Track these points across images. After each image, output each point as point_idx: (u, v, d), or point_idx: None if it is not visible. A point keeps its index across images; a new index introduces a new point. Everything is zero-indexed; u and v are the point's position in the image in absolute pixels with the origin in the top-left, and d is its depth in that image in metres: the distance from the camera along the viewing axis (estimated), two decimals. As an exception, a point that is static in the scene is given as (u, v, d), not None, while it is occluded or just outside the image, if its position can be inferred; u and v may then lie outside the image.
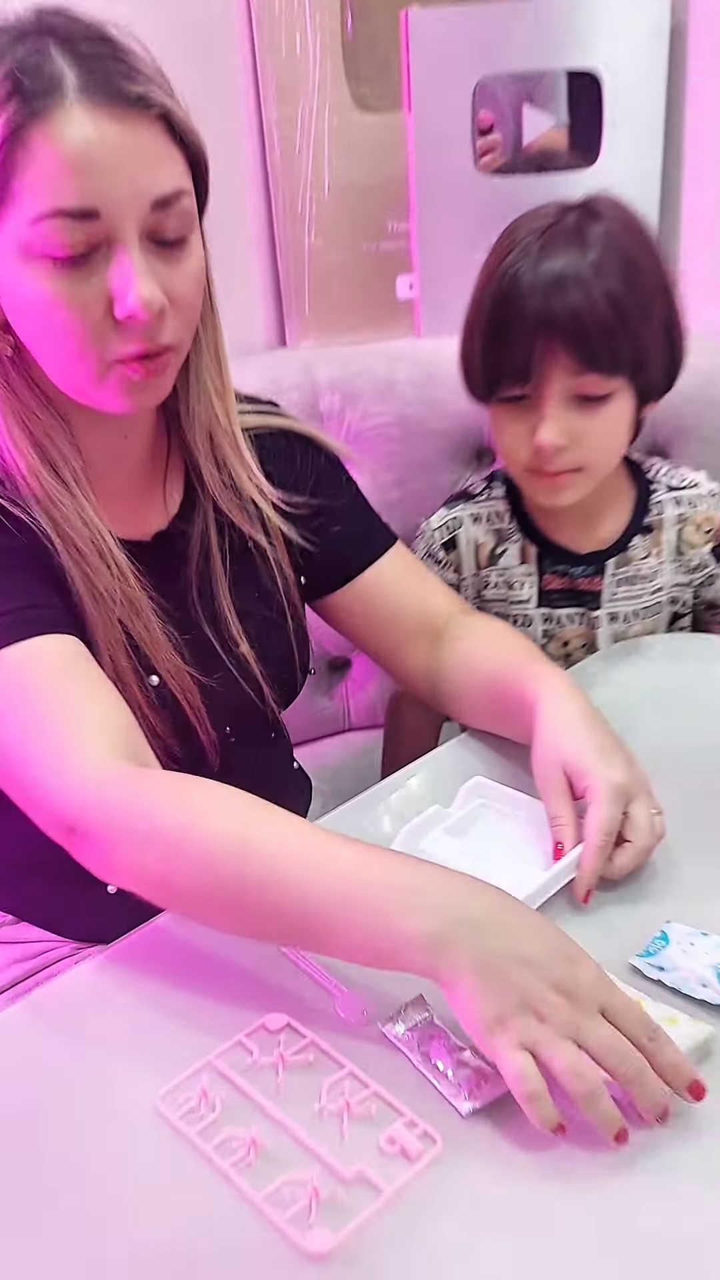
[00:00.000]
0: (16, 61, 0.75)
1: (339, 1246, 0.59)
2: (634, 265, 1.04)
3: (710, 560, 1.22)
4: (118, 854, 0.75)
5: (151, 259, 0.78)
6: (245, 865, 0.71)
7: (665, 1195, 0.62)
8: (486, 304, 1.07)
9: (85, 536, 0.85)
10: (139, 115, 0.76)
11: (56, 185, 0.74)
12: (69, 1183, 0.65)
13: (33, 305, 0.78)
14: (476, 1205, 0.62)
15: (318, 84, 1.40)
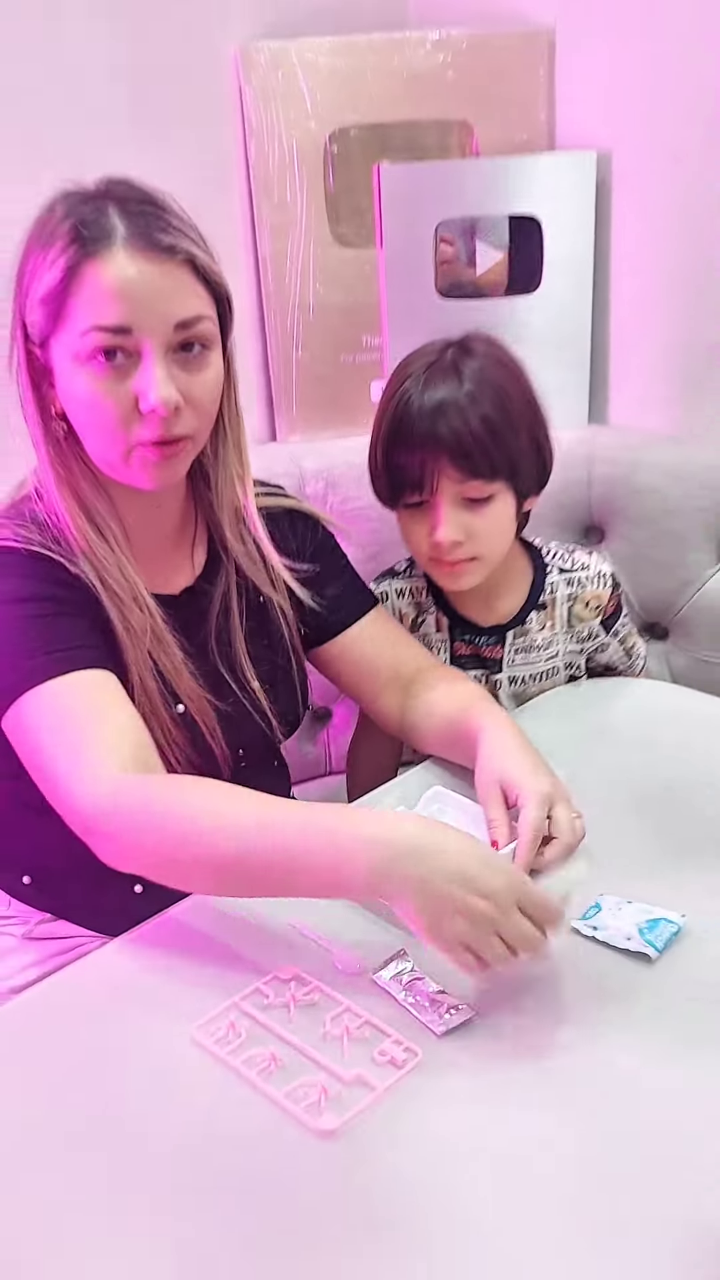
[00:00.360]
0: (80, 217, 0.92)
1: (343, 1126, 0.74)
2: (503, 392, 1.16)
3: (600, 631, 1.32)
4: (128, 848, 0.89)
5: (173, 367, 0.94)
6: (231, 842, 0.85)
7: (612, 1077, 0.78)
8: (385, 427, 1.18)
9: (123, 585, 1.00)
10: (168, 259, 0.92)
11: (101, 307, 0.91)
12: (130, 1093, 0.79)
13: (80, 398, 0.95)
14: (448, 1099, 0.77)
15: (304, 225, 1.54)
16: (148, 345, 0.92)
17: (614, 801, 1.10)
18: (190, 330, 0.94)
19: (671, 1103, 0.76)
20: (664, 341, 1.57)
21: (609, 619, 1.33)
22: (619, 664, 1.37)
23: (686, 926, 0.91)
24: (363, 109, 1.52)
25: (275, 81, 1.48)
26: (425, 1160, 0.73)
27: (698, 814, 1.07)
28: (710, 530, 1.49)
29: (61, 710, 0.93)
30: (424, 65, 1.52)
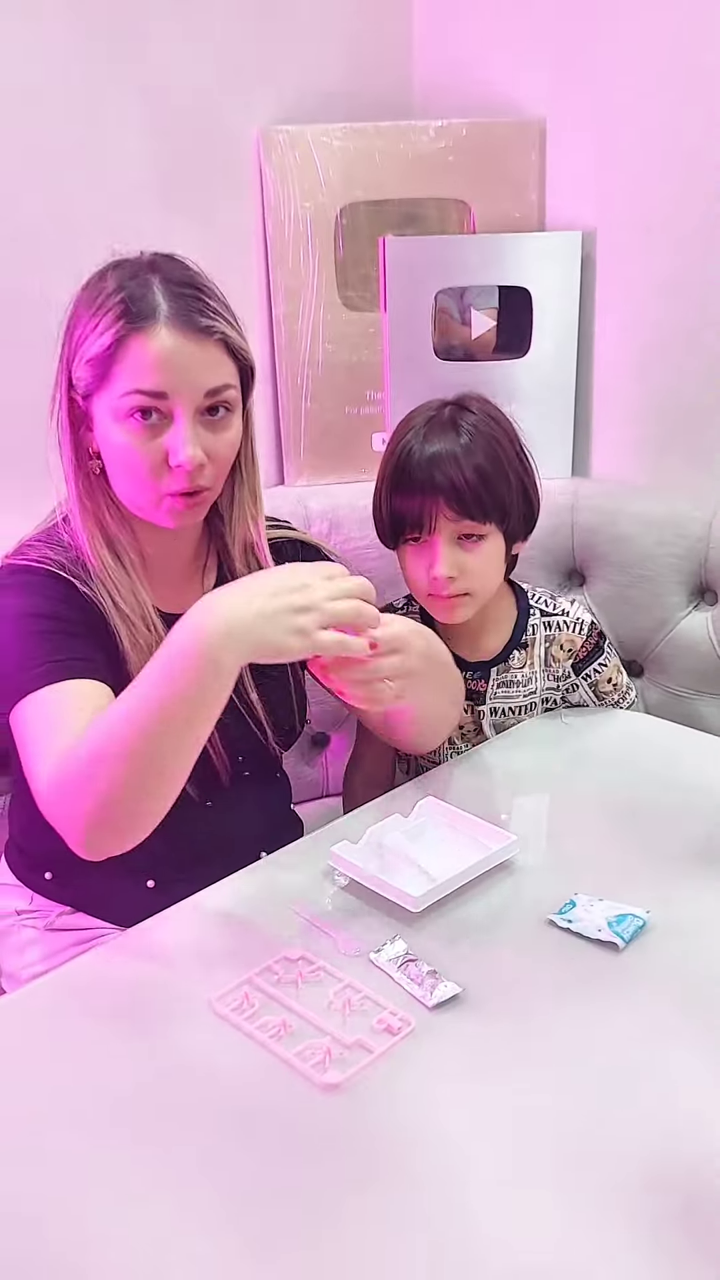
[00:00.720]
0: (129, 292, 1.03)
1: (345, 1081, 0.84)
2: (496, 444, 1.27)
3: (570, 673, 1.42)
4: (72, 815, 0.98)
5: (200, 428, 1.05)
6: (123, 731, 0.93)
7: (582, 1044, 0.87)
8: (389, 475, 1.29)
9: (134, 605, 1.11)
10: (205, 338, 1.04)
11: (142, 374, 1.02)
12: (156, 1054, 0.87)
13: (117, 449, 1.06)
14: (438, 1061, 0.86)
15: (315, 289, 1.64)
16: (180, 409, 1.04)
17: (589, 815, 1.20)
18: (217, 397, 1.05)
19: (633, 1064, 0.86)
20: (642, 402, 1.67)
21: (579, 663, 1.42)
22: (589, 704, 1.46)
23: (651, 921, 1.00)
24: (370, 187, 1.64)
25: (292, 161, 1.60)
26: (417, 1112, 0.82)
27: (665, 827, 1.17)
28: (683, 575, 1.59)
29: (48, 713, 1.03)
30: (427, 150, 1.64)
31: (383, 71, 1.73)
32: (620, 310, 1.67)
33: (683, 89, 1.50)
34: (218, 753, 1.15)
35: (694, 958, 0.98)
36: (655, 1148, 0.79)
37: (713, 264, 1.54)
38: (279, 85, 1.61)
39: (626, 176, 1.60)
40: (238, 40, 1.55)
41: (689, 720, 1.53)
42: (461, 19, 1.70)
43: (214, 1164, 0.78)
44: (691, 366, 1.60)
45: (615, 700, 1.46)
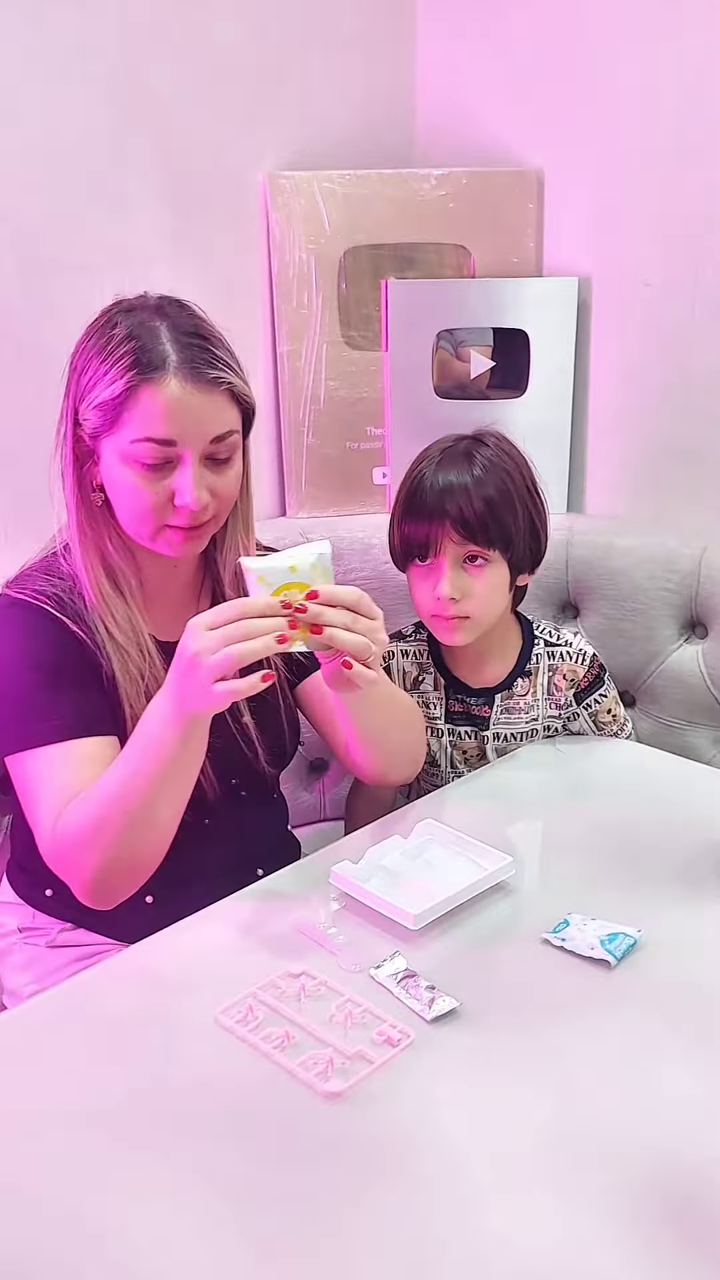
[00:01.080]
0: (139, 341, 1.06)
1: (347, 1090, 0.86)
2: (507, 478, 1.32)
3: (572, 702, 1.46)
4: (71, 865, 1.08)
5: (204, 470, 1.10)
6: (113, 793, 1.04)
7: (574, 1055, 0.90)
8: (402, 501, 1.34)
9: (129, 634, 1.15)
10: (212, 388, 1.07)
11: (152, 423, 1.06)
12: (164, 1064, 0.90)
13: (123, 487, 1.10)
14: (436, 1071, 0.89)
15: (319, 328, 1.68)
16: (187, 454, 1.08)
17: (583, 837, 1.24)
18: (222, 442, 1.10)
19: (624, 1076, 0.89)
20: (635, 442, 1.72)
21: (581, 692, 1.46)
22: (588, 733, 1.50)
23: (642, 940, 1.03)
24: (373, 231, 1.69)
25: (297, 205, 1.65)
26: (416, 1120, 0.85)
27: (655, 850, 1.20)
28: (674, 609, 1.63)
29: (59, 771, 1.10)
30: (428, 197, 1.70)
31: (386, 121, 1.79)
32: (614, 354, 1.71)
33: (678, 146, 1.56)
34: (208, 779, 1.18)
35: (683, 975, 1.01)
36: (646, 1155, 0.82)
37: (703, 317, 1.59)
38: (286, 133, 1.66)
39: (621, 228, 1.65)
40: (247, 89, 1.61)
41: (679, 750, 1.56)
42: (463, 72, 1.76)
43: (218, 1170, 0.80)
44: (681, 411, 1.65)
45: (614, 731, 1.50)
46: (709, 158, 1.53)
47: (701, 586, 1.60)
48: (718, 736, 1.63)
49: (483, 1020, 0.95)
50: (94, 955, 1.20)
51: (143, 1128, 0.85)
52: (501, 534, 1.32)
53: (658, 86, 1.56)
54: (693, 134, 1.54)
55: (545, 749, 1.47)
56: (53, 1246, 0.75)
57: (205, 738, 1.05)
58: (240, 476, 1.16)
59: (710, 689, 1.61)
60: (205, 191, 1.60)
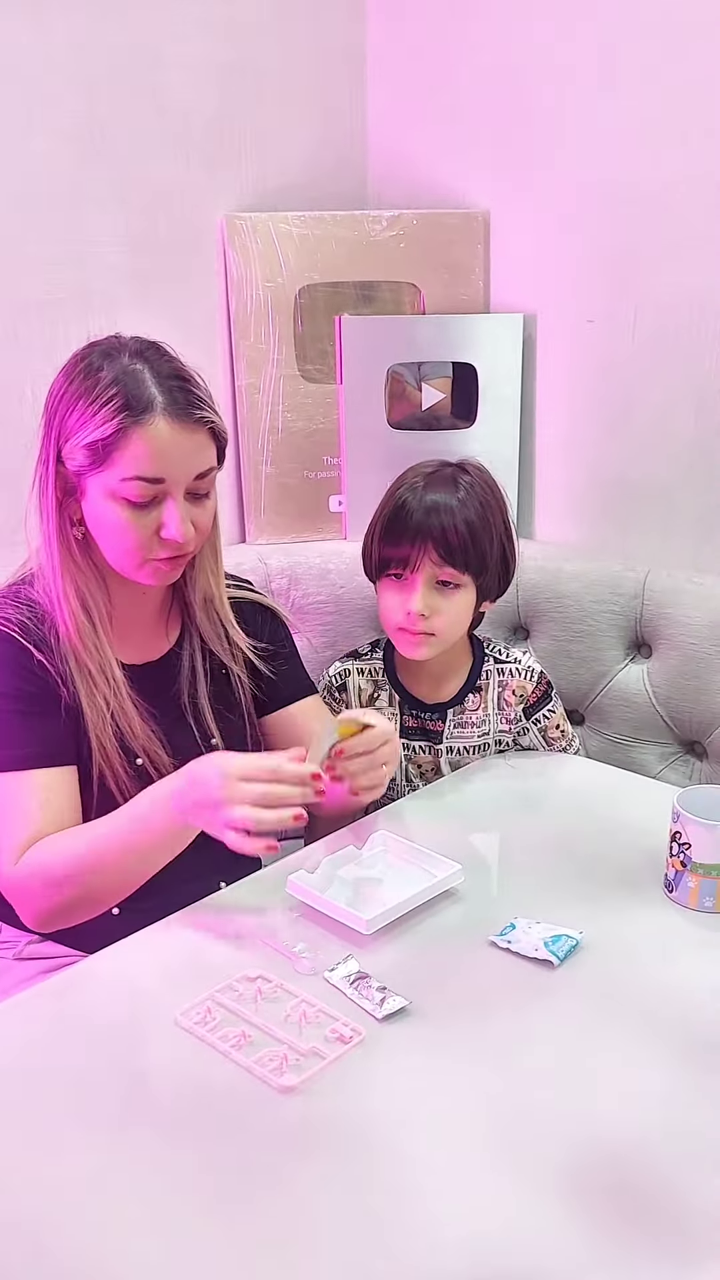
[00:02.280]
0: (125, 385, 1.11)
1: (300, 1084, 0.90)
2: (485, 506, 1.39)
3: (522, 717, 1.51)
4: (30, 905, 1.14)
5: (188, 505, 1.15)
6: (87, 859, 1.11)
7: (517, 1050, 0.94)
8: (385, 517, 1.38)
9: (97, 660, 1.19)
10: (197, 427, 1.14)
11: (142, 463, 1.11)
12: (125, 1062, 0.93)
13: (109, 523, 1.15)
14: (386, 1066, 0.94)
15: (276, 362, 1.73)
16: (173, 490, 1.14)
17: (531, 847, 1.29)
18: (204, 479, 1.17)
19: (565, 1065, 0.94)
20: (580, 471, 1.77)
21: (530, 708, 1.52)
22: (539, 748, 1.55)
23: (584, 941, 1.08)
24: (327, 270, 1.74)
25: (254, 245, 1.70)
26: (367, 1111, 0.89)
27: (599, 858, 1.25)
28: (620, 630, 1.67)
29: (12, 802, 1.15)
30: (380, 237, 1.75)
31: (339, 165, 1.84)
32: (559, 387, 1.77)
33: (616, 191, 1.62)
34: None
35: (621, 974, 1.06)
36: (586, 1141, 0.86)
37: (642, 351, 1.65)
38: (243, 177, 1.71)
39: (564, 267, 1.71)
40: (206, 135, 1.66)
41: (627, 767, 1.61)
42: (413, 118, 1.82)
43: (177, 1162, 0.84)
44: (624, 441, 1.71)
45: (562, 746, 1.55)
46: (645, 200, 1.60)
47: (645, 608, 1.64)
48: (664, 752, 1.67)
49: (431, 1018, 0.99)
50: (61, 967, 1.20)
51: (102, 1123, 0.88)
52: (478, 561, 1.38)
53: (598, 133, 1.62)
54: (630, 178, 1.60)
55: (498, 764, 1.51)
56: (9, 1240, 0.78)
57: (189, 835, 1.13)
58: (215, 510, 1.22)
59: (655, 707, 1.65)
60: (166, 232, 1.64)
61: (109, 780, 1.20)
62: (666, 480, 1.68)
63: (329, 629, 1.63)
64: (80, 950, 1.22)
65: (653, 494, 1.70)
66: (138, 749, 1.21)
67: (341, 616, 1.49)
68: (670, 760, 1.67)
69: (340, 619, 1.51)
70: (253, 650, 1.33)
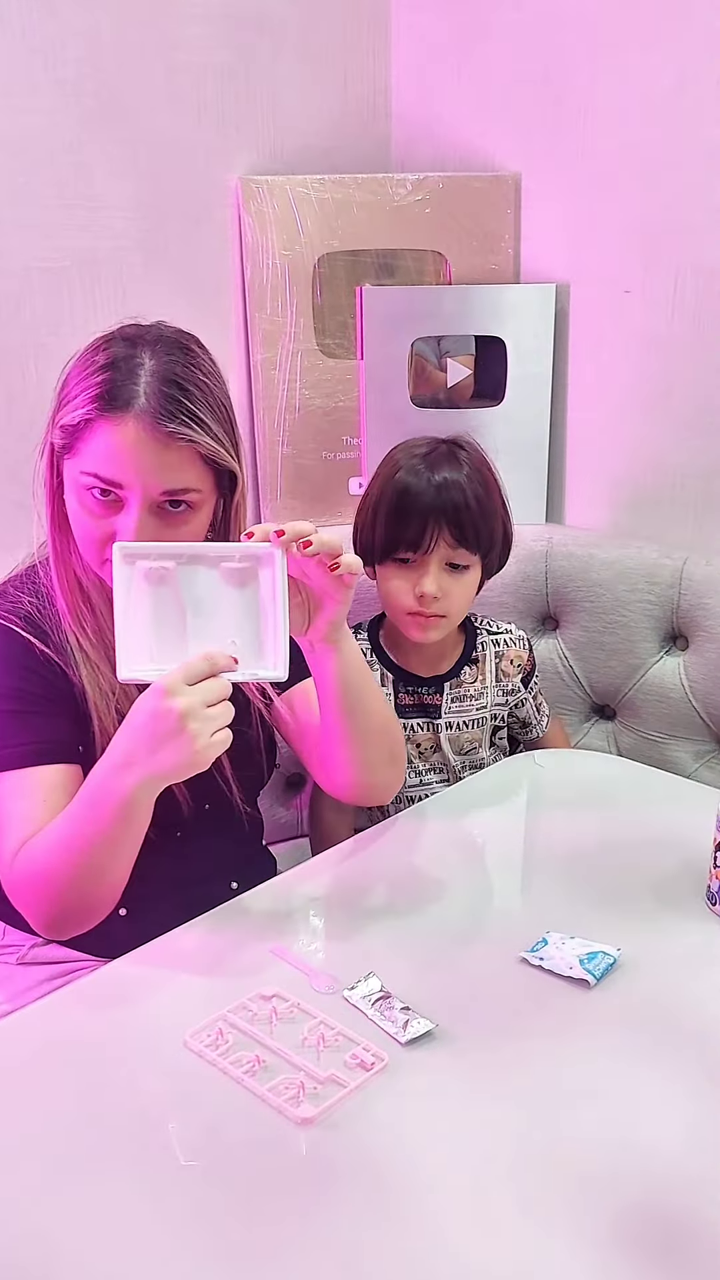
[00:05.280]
0: (114, 375, 1.02)
1: (319, 1115, 0.84)
2: (487, 483, 1.37)
3: (520, 686, 1.50)
4: (26, 904, 1.08)
5: (153, 518, 1.03)
6: (65, 839, 1.03)
7: (551, 1080, 0.88)
8: (388, 497, 1.35)
9: (98, 646, 1.13)
10: (170, 441, 1.01)
11: (100, 459, 1.02)
12: (130, 1089, 0.87)
13: (72, 511, 1.08)
14: (410, 1096, 0.87)
15: (293, 335, 1.67)
16: (133, 499, 1.03)
17: (562, 853, 1.21)
18: (179, 498, 1.05)
19: (600, 1101, 0.87)
20: (614, 452, 1.72)
21: (526, 676, 1.51)
22: (531, 718, 1.54)
23: (622, 959, 1.01)
24: (348, 237, 1.68)
25: (271, 210, 1.64)
26: (389, 1145, 0.83)
27: (635, 866, 1.18)
28: (654, 621, 1.62)
29: (15, 800, 1.09)
30: (404, 202, 1.69)
31: (361, 125, 1.78)
32: (593, 363, 1.71)
33: (658, 150, 1.56)
34: (182, 793, 1.17)
35: (664, 995, 0.99)
36: (626, 1182, 0.79)
37: (682, 325, 1.59)
38: (259, 136, 1.65)
39: (600, 234, 1.65)
40: (219, 91, 1.59)
41: (660, 765, 1.55)
42: (439, 75, 1.76)
43: (187, 1198, 0.78)
44: (661, 420, 1.65)
45: (545, 713, 1.56)
46: (689, 162, 1.53)
47: (682, 598, 1.59)
48: (699, 750, 1.61)
49: (458, 1043, 0.93)
50: (67, 972, 1.18)
51: (107, 1154, 0.82)
52: (488, 536, 1.37)
53: (638, 90, 1.56)
54: (673, 137, 1.54)
55: (519, 762, 1.46)
56: (11, 1270, 0.73)
57: (153, 801, 1.03)
58: (200, 536, 1.11)
59: (692, 702, 1.59)
60: (176, 195, 1.58)
61: None
62: (706, 463, 1.62)
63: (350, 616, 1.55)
64: (86, 953, 1.18)
65: (691, 477, 1.64)
66: None
67: (361, 604, 1.42)
68: (706, 758, 1.62)
69: (360, 605, 1.44)
70: None
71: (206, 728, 0.94)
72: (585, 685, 1.69)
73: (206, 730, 0.94)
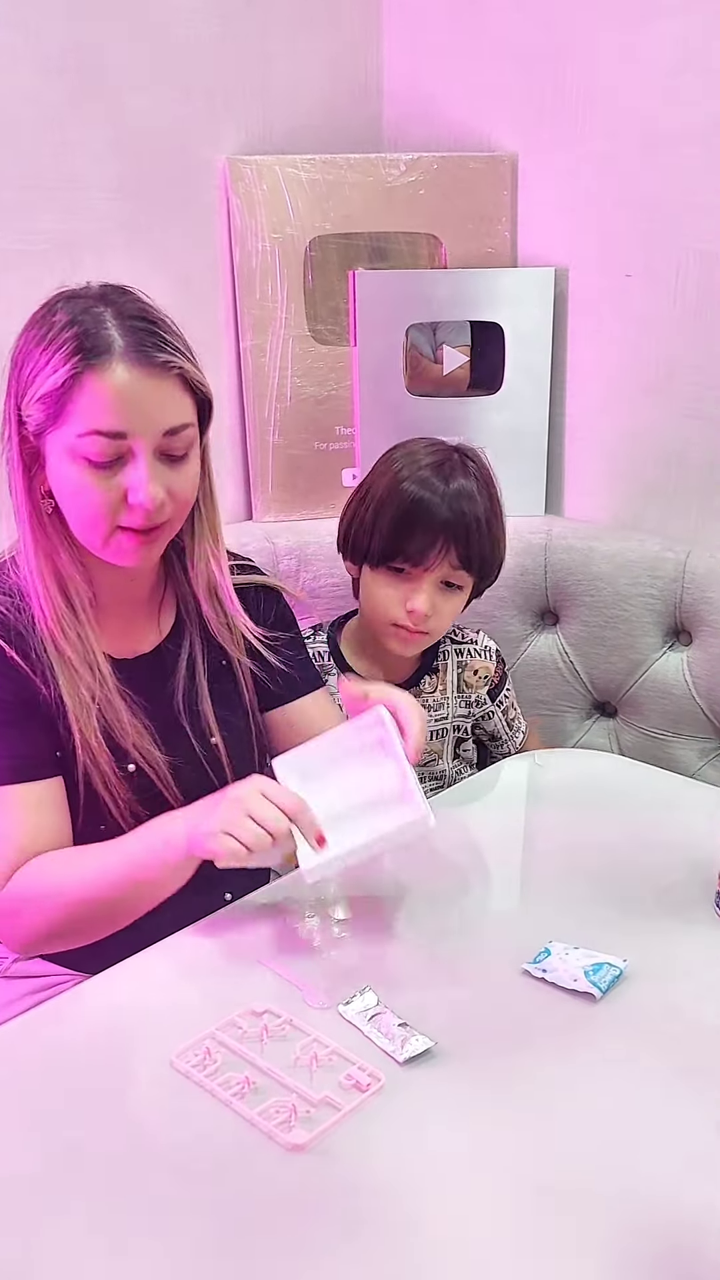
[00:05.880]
0: (82, 328, 0.99)
1: (311, 1141, 0.80)
2: (493, 501, 1.34)
3: (487, 700, 1.45)
4: (16, 934, 1.07)
5: (160, 466, 1.02)
6: (87, 890, 1.02)
7: (555, 1101, 0.84)
8: (398, 504, 1.30)
9: (80, 650, 1.08)
10: (162, 374, 1.00)
11: (99, 413, 0.98)
12: (112, 1113, 0.84)
13: (70, 487, 1.03)
14: (408, 1119, 0.83)
15: (284, 321, 1.63)
16: (139, 447, 1.01)
17: (563, 858, 1.18)
18: (176, 436, 1.03)
19: (607, 1124, 0.83)
20: (615, 442, 1.68)
21: (494, 689, 1.46)
22: (501, 733, 1.49)
23: (628, 970, 0.97)
24: (340, 220, 1.64)
25: (260, 192, 1.59)
26: (385, 1173, 0.79)
27: (640, 871, 1.14)
28: (657, 616, 1.59)
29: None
30: (398, 183, 1.64)
31: (353, 103, 1.74)
32: (593, 349, 1.67)
33: (659, 130, 1.52)
34: (174, 797, 1.13)
35: (673, 1009, 0.95)
36: (634, 1206, 0.76)
37: (685, 309, 1.55)
38: (247, 115, 1.61)
39: (600, 216, 1.61)
40: (206, 68, 1.55)
41: (663, 763, 1.52)
42: (433, 51, 1.72)
43: (172, 1229, 0.74)
44: (664, 408, 1.61)
45: (518, 728, 1.50)
46: (691, 141, 1.49)
47: (686, 592, 1.55)
48: (704, 748, 1.58)
49: (459, 1061, 0.89)
50: (50, 987, 1.14)
51: (90, 1182, 0.78)
52: (489, 565, 1.36)
53: (638, 67, 1.51)
54: (675, 116, 1.49)
55: (518, 765, 1.42)
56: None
57: (192, 870, 1.04)
58: (198, 477, 1.09)
59: (695, 698, 1.56)
60: (161, 176, 1.53)
61: (96, 781, 1.09)
62: (710, 452, 1.58)
63: (338, 611, 1.53)
64: (70, 969, 1.15)
65: (695, 467, 1.60)
66: (128, 746, 1.11)
67: (351, 599, 1.40)
68: (710, 757, 1.58)
69: (349, 602, 1.42)
70: (261, 640, 1.21)
71: (244, 822, 0.96)
72: (586, 682, 1.65)
73: (242, 821, 0.96)
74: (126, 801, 1.10)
